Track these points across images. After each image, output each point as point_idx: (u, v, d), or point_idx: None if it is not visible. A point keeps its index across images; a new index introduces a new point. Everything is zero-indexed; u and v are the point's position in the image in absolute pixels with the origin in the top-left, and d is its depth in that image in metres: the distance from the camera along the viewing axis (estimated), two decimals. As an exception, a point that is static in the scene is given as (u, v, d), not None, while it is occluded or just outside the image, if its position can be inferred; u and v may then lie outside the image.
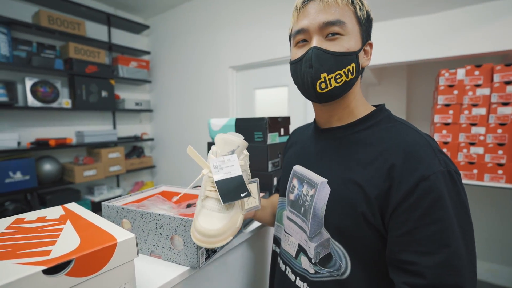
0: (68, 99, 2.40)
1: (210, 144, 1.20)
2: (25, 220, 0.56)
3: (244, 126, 1.09)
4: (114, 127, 2.83)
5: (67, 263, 0.39)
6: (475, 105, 1.58)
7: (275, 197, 0.81)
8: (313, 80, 0.50)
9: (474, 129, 1.58)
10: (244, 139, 0.59)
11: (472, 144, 1.58)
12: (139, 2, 2.77)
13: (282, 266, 0.63)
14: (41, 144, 2.19)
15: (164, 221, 0.58)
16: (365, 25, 0.54)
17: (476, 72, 1.59)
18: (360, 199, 0.47)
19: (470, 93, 1.60)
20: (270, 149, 1.03)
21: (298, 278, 0.57)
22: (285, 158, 0.73)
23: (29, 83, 2.14)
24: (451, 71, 1.64)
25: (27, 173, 2.07)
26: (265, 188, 1.02)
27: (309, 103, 2.06)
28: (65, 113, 2.50)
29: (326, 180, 0.53)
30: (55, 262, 0.38)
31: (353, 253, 0.49)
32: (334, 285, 0.50)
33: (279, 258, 0.66)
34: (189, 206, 0.71)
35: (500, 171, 1.49)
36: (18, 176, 2.02)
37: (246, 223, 0.82)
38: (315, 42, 0.51)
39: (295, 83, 0.57)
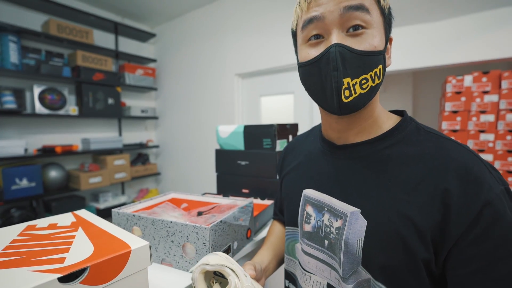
0: (75, 106, 2.42)
1: (218, 152, 1.20)
2: (36, 227, 0.56)
3: (253, 133, 1.08)
4: (120, 134, 2.85)
5: (82, 270, 0.38)
6: (483, 112, 1.57)
7: (277, 230, 0.70)
8: (339, 86, 0.41)
9: (482, 136, 1.56)
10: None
11: (481, 151, 1.56)
12: (146, 11, 2.82)
13: None
14: (47, 151, 2.20)
15: (176, 228, 0.58)
16: (388, 17, 0.45)
17: (484, 79, 1.59)
18: (411, 233, 0.38)
19: (478, 99, 1.59)
20: (279, 157, 1.03)
21: None
22: (287, 178, 0.62)
23: (37, 90, 2.17)
24: (458, 78, 1.63)
25: (33, 179, 2.07)
26: (273, 195, 1.01)
27: (316, 110, 2.06)
28: (72, 120, 2.52)
29: (359, 210, 0.43)
30: (70, 270, 0.37)
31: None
32: None
33: None
34: (200, 214, 0.70)
35: (510, 178, 1.46)
36: (25, 183, 2.03)
37: (257, 230, 0.81)
38: (336, 37, 0.41)
39: (309, 89, 0.47)
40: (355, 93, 0.41)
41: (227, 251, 0.62)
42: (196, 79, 2.80)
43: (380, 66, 0.42)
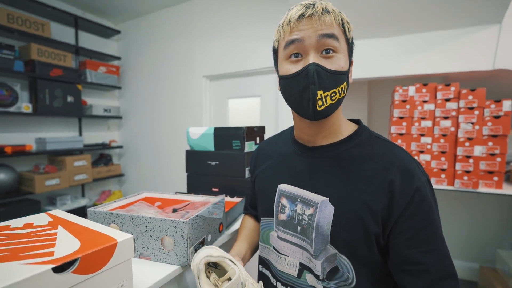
0: (28, 103, 2.26)
1: (188, 152, 1.24)
2: (11, 227, 0.57)
3: (223, 135, 1.15)
4: (80, 133, 2.70)
5: (73, 262, 0.42)
6: (423, 118, 1.81)
7: (250, 223, 0.79)
8: (314, 97, 0.50)
9: (422, 139, 1.80)
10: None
11: (422, 152, 1.80)
12: (110, 7, 2.72)
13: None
14: (-4, 151, 2.03)
15: (155, 223, 0.62)
16: (351, 45, 0.56)
17: (424, 90, 1.83)
18: (368, 215, 0.50)
19: (419, 107, 1.84)
20: (247, 157, 1.11)
21: None
22: (261, 176, 0.70)
23: (-16, 85, 1.99)
24: (404, 88, 1.86)
25: (-21, 182, 1.89)
26: (242, 193, 1.09)
27: (281, 113, 2.18)
28: (25, 118, 2.34)
29: (328, 199, 0.54)
30: (63, 261, 0.41)
31: (360, 265, 0.52)
32: None
33: (274, 281, 0.64)
34: (174, 210, 0.75)
35: (443, 175, 1.72)
36: (-31, 186, 1.85)
37: (228, 224, 0.88)
38: (313, 58, 0.50)
39: (288, 99, 0.56)
40: (326, 103, 0.51)
41: (202, 243, 0.68)
42: (163, 79, 2.77)
43: (345, 83, 0.53)
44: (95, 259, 0.45)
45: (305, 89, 0.51)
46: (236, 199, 1.05)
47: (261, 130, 1.23)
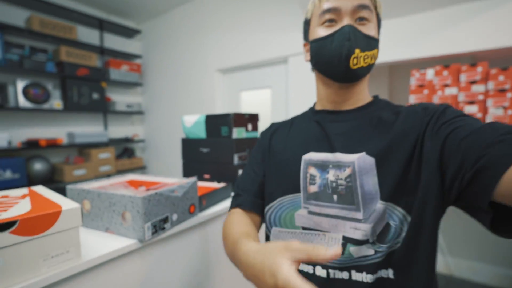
0: (59, 100, 2.48)
1: (183, 141, 1.27)
2: (-10, 197, 0.63)
3: (212, 122, 1.16)
4: (105, 128, 2.91)
5: (12, 223, 0.46)
6: (443, 104, 1.65)
7: (247, 219, 0.59)
8: (349, 53, 0.50)
9: (443, 127, 1.64)
10: None
11: (442, 141, 1.64)
12: (132, 8, 2.88)
13: (322, 272, 0.50)
14: (31, 144, 2.26)
15: (116, 199, 0.65)
16: (379, 22, 0.57)
17: (445, 73, 1.66)
18: (410, 143, 0.48)
19: (439, 92, 1.67)
20: (236, 143, 1.10)
21: (354, 271, 0.48)
22: (278, 154, 0.62)
23: (20, 84, 2.22)
24: (421, 72, 1.71)
25: (17, 171, 2.13)
26: (230, 179, 1.08)
27: (291, 104, 2.13)
28: (57, 114, 2.58)
29: (364, 152, 0.50)
30: (1, 222, 0.44)
31: (412, 209, 0.47)
32: (394, 255, 0.47)
33: (311, 268, 0.52)
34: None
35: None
36: (8, 175, 2.09)
37: (203, 208, 0.88)
38: (348, 21, 0.52)
39: (319, 61, 0.56)
40: (359, 64, 0.52)
41: (164, 221, 0.69)
42: (180, 74, 2.87)
43: (376, 50, 0.54)
44: (36, 223, 0.48)
45: (340, 46, 0.51)
46: (222, 185, 1.05)
47: (253, 117, 1.22)
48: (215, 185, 1.07)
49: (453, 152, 0.42)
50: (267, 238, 0.60)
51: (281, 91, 2.23)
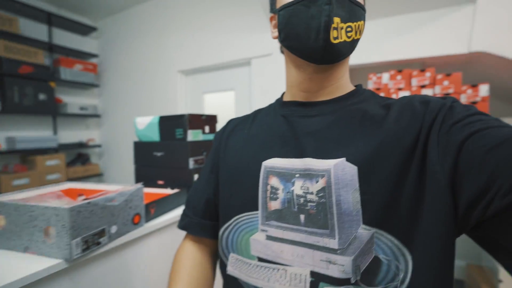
0: (-3, 101, 2.20)
1: (136, 144, 1.17)
2: None
3: (167, 124, 1.08)
4: (55, 132, 2.65)
5: None
6: (398, 107, 1.73)
7: (193, 260, 0.50)
8: (329, 22, 0.37)
9: (398, 129, 1.72)
10: None
11: (397, 142, 1.72)
12: (86, 3, 2.67)
13: None
14: (-39, 151, 1.98)
15: (38, 212, 0.55)
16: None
17: (398, 77, 1.75)
18: (405, 148, 0.36)
19: (394, 95, 1.75)
20: (192, 146, 1.03)
21: None
22: (231, 156, 0.50)
23: None
24: (377, 76, 1.78)
25: None
26: (185, 185, 1.02)
27: (255, 107, 2.10)
28: (-6, 117, 2.29)
29: (344, 159, 0.38)
30: None
31: (413, 242, 0.34)
32: None
33: None
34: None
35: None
36: None
37: (152, 217, 0.80)
38: None
39: (291, 32, 0.41)
40: (341, 38, 0.39)
41: (100, 234, 0.60)
42: (140, 75, 2.71)
43: (362, 22, 0.42)
44: None
45: (317, 12, 0.37)
46: (176, 190, 0.98)
47: (211, 118, 1.16)
48: (168, 191, 1.00)
49: (475, 167, 0.30)
50: (223, 267, 0.46)
51: (244, 93, 2.20)
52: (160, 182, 1.09)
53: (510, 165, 0.28)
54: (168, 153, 1.07)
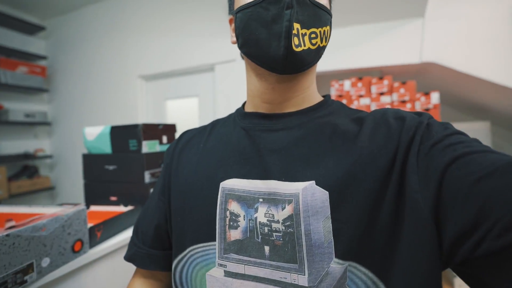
0: None
1: (85, 157, 1.06)
2: None
3: (120, 134, 0.99)
4: (-6, 143, 2.35)
5: None
6: (359, 113, 1.79)
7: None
8: (290, 28, 0.34)
9: (360, 134, 1.78)
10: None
11: (359, 147, 1.78)
12: (33, 0, 2.42)
13: None
14: None
15: None
16: (331, 3, 0.43)
17: (359, 84, 1.81)
18: (381, 171, 0.32)
19: (355, 102, 1.81)
20: (147, 158, 0.95)
21: None
22: (184, 176, 0.44)
23: None
24: (339, 83, 1.83)
25: None
26: (140, 201, 0.93)
27: (219, 114, 2.05)
28: None
29: (313, 182, 0.34)
30: None
31: (390, 278, 0.31)
32: None
33: None
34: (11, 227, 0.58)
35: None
36: None
37: (99, 242, 0.71)
38: None
39: (250, 37, 0.37)
40: (304, 45, 0.35)
41: (25, 272, 0.51)
42: (96, 80, 2.52)
43: (328, 28, 0.39)
44: None
45: (276, 17, 0.34)
46: (129, 208, 0.89)
47: (169, 128, 1.09)
48: (121, 208, 0.91)
49: (462, 198, 0.27)
50: None
51: (208, 100, 2.14)
52: (113, 198, 0.99)
53: (505, 199, 0.24)
54: (121, 167, 0.98)
